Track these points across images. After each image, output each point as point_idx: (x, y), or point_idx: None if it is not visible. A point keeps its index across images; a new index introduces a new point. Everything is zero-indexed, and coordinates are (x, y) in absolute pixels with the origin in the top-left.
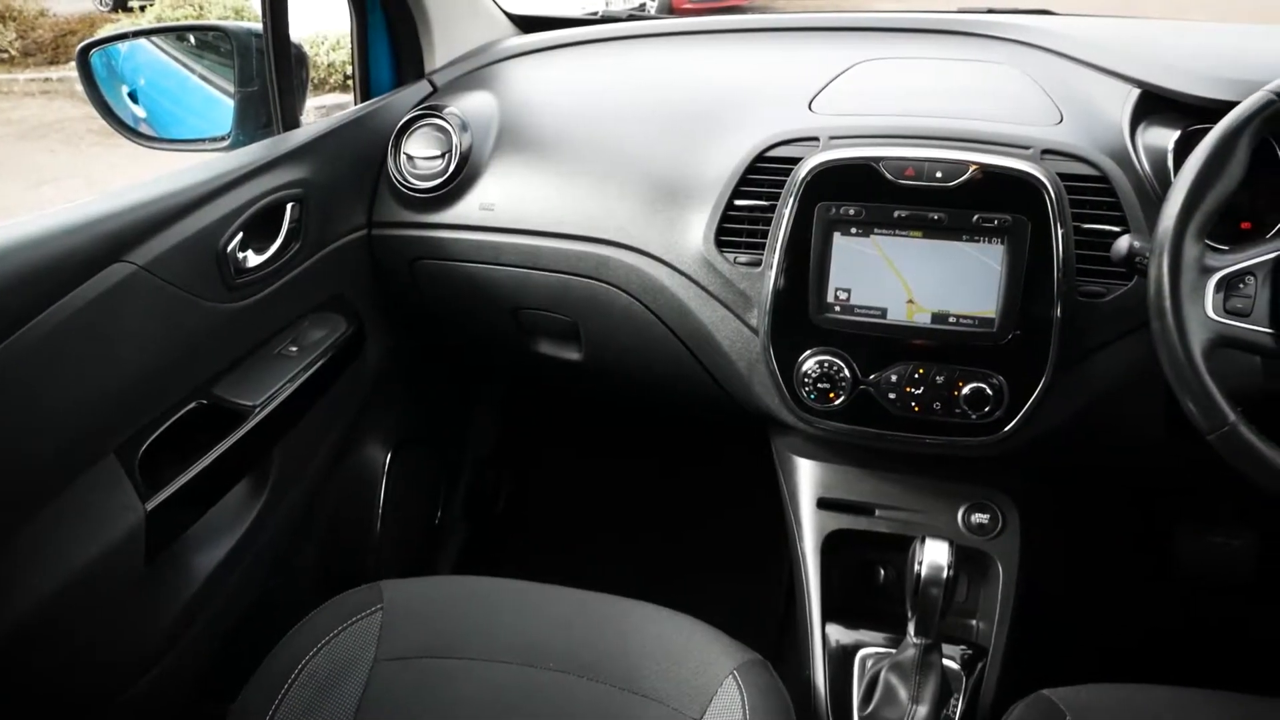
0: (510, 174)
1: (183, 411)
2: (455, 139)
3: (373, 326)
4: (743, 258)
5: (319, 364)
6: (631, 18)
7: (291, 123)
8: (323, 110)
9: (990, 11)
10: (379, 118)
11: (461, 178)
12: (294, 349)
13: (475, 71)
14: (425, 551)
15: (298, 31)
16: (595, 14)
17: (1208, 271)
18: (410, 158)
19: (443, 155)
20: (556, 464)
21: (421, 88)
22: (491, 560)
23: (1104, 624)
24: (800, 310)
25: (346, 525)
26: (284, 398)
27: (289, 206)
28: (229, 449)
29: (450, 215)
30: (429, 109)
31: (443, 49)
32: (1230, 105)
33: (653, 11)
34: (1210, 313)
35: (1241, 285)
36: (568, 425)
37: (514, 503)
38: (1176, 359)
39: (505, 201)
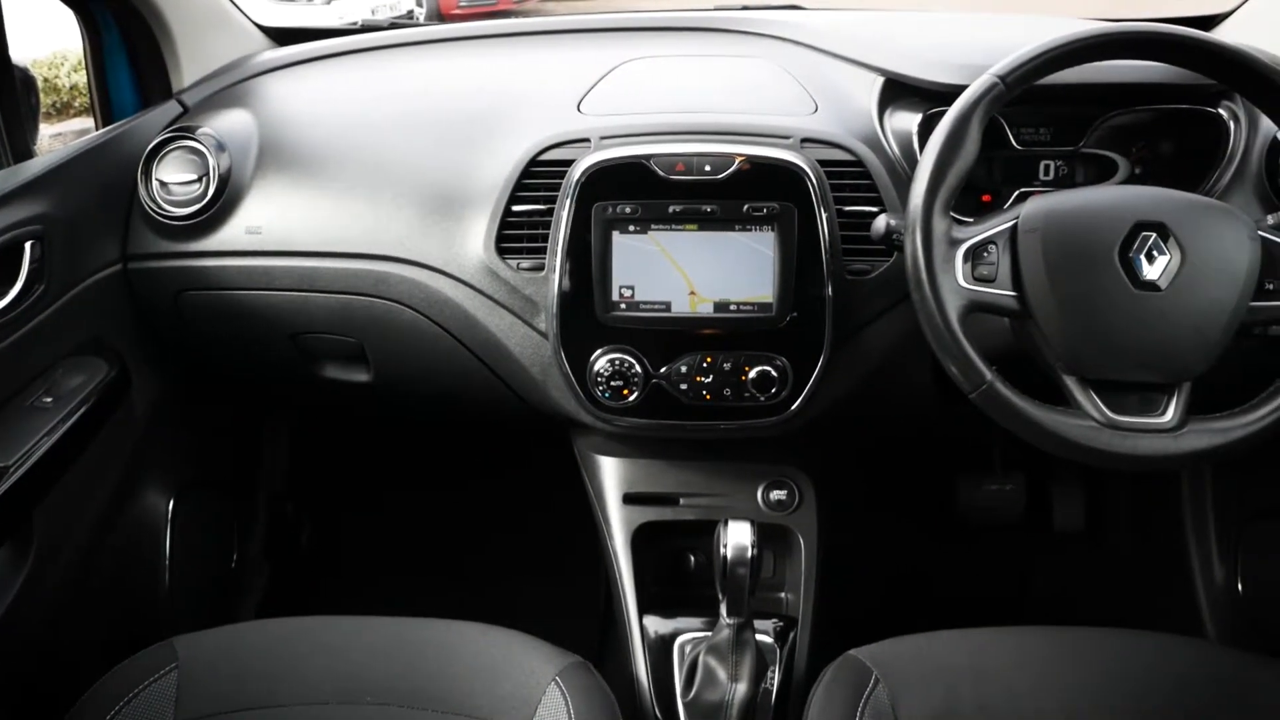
0: (276, 194)
1: None
2: (212, 161)
3: (138, 367)
4: (525, 263)
5: (79, 413)
6: (393, 26)
7: (23, 153)
8: (62, 138)
9: (745, 8)
10: (124, 143)
11: (222, 202)
12: (48, 400)
13: (229, 89)
14: (224, 600)
15: (30, 52)
16: (355, 23)
17: (955, 243)
18: (163, 184)
19: (199, 179)
20: (358, 490)
21: (170, 108)
22: (300, 599)
23: (902, 578)
24: (587, 311)
25: (130, 583)
26: (41, 454)
27: (28, 245)
28: None
29: (214, 242)
30: (180, 131)
31: (190, 67)
32: (962, 89)
33: (421, 18)
34: (961, 281)
35: (985, 254)
36: (366, 449)
37: (318, 536)
38: (936, 326)
39: (273, 223)
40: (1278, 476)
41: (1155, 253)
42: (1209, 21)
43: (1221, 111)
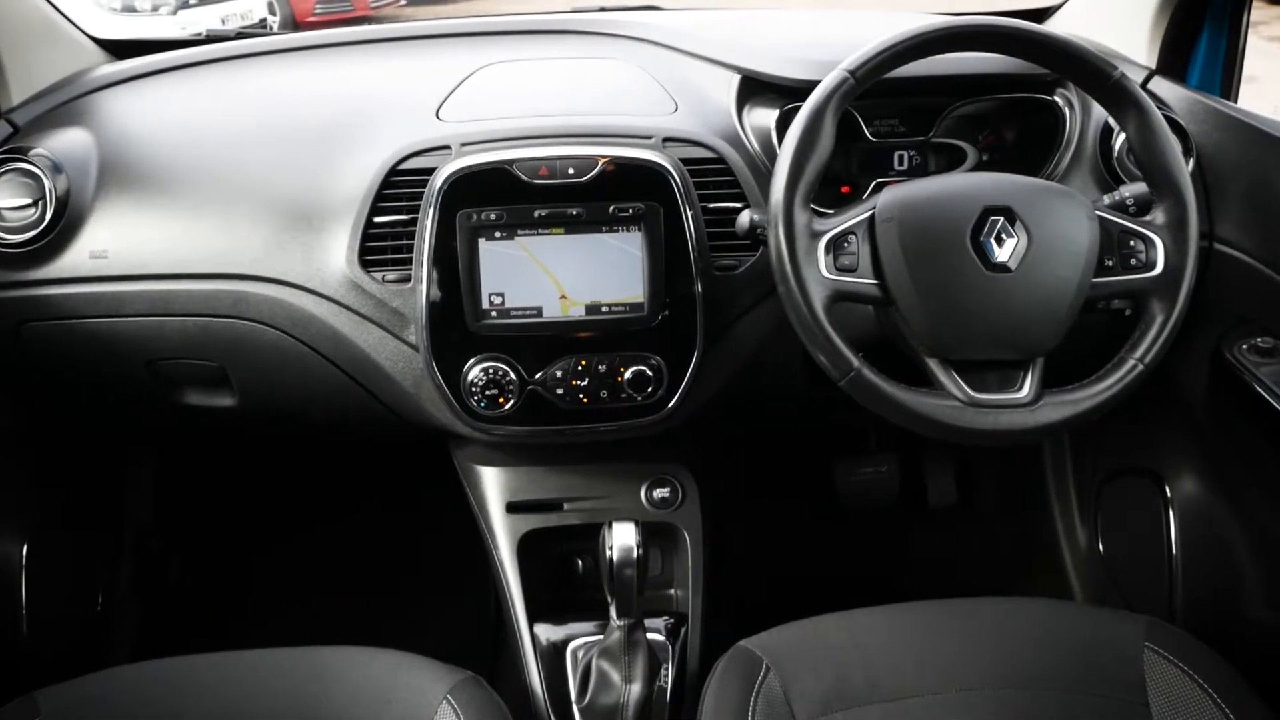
0: (121, 216)
1: None
2: (48, 183)
3: None
4: (391, 275)
5: None
6: (241, 35)
7: None
8: None
9: (602, 10)
10: None
11: (62, 226)
12: None
13: (64, 106)
14: (91, 645)
15: None
16: (200, 34)
17: (817, 235)
18: None
19: (35, 203)
20: (233, 519)
21: None
22: (176, 638)
23: (787, 564)
24: (458, 320)
25: None
26: None
27: None
28: None
29: (55, 269)
30: (10, 152)
31: (19, 84)
32: (815, 84)
33: (275, 27)
34: (824, 272)
35: (846, 244)
36: (238, 476)
37: (192, 570)
38: (803, 317)
39: (120, 247)
40: (1127, 441)
41: (1004, 236)
42: (1042, 14)
43: (1057, 99)
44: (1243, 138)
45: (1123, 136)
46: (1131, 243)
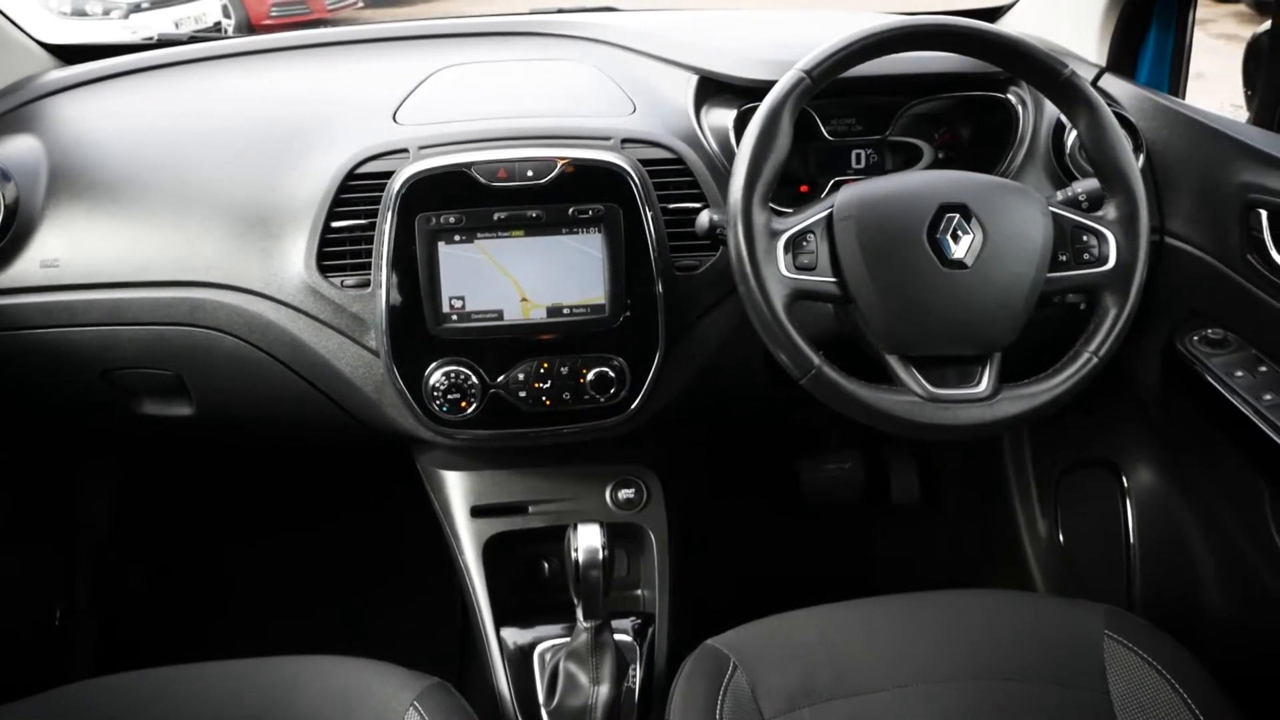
0: (73, 223)
1: None
2: None
3: None
4: (350, 280)
5: None
6: (194, 39)
7: None
8: None
9: (560, 11)
10: None
11: (11, 235)
12: None
13: (12, 112)
14: (49, 660)
15: None
16: (152, 38)
17: (776, 234)
18: None
19: None
20: (197, 529)
21: None
22: (139, 651)
23: (753, 563)
24: (418, 324)
25: None
26: None
27: None
28: None
29: (5, 279)
30: None
31: None
32: (772, 84)
33: (229, 30)
34: (784, 271)
35: (805, 243)
36: (197, 484)
37: (153, 581)
38: (763, 316)
39: (72, 255)
40: (1084, 433)
41: (960, 232)
42: (994, 13)
43: (1010, 97)
44: (1191, 134)
45: (1074, 133)
46: (1084, 238)
